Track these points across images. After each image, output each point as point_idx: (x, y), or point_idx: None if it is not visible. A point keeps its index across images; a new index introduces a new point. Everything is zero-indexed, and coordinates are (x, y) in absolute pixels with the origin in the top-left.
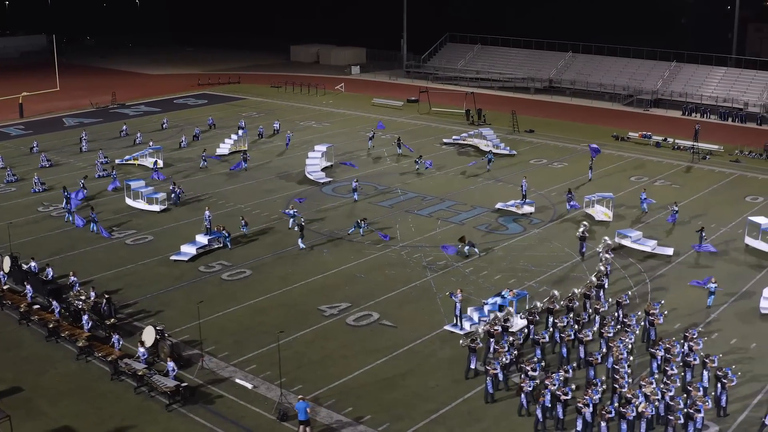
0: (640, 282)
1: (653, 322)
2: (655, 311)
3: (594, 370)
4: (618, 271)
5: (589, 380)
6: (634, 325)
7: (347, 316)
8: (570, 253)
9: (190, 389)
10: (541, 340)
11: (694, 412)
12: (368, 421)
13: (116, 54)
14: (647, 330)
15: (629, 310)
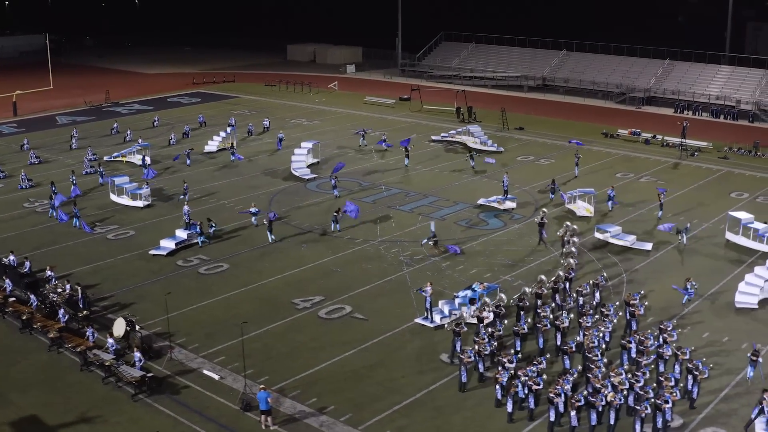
0: (616, 275)
1: (634, 313)
2: (635, 302)
3: (569, 359)
4: (592, 263)
5: (565, 369)
6: (612, 315)
7: (320, 309)
8: (548, 248)
9: (157, 379)
10: (521, 331)
11: (662, 403)
12: (331, 412)
13: (114, 54)
14: (628, 321)
15: (607, 297)
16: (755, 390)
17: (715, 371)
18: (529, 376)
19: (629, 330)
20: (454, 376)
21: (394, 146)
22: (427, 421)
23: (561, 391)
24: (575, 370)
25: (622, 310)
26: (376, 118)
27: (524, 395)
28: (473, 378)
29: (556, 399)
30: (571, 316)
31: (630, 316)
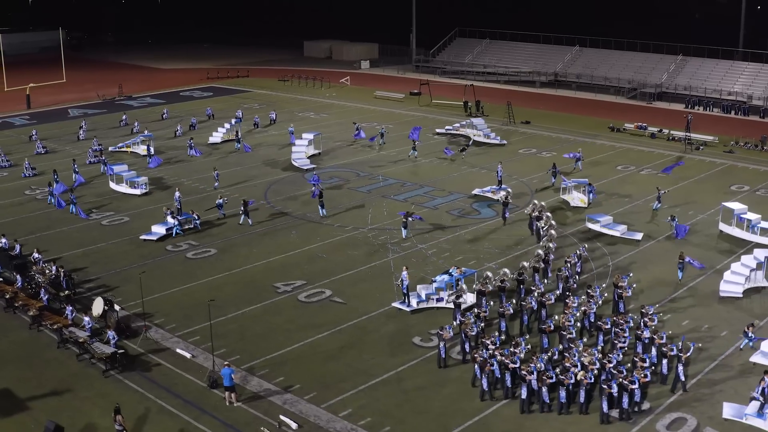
0: (603, 264)
1: (621, 295)
2: (624, 284)
3: (547, 337)
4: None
5: (544, 348)
6: (598, 296)
7: (300, 293)
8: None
9: (128, 356)
10: (506, 312)
11: (629, 384)
12: (296, 390)
13: (133, 50)
14: (615, 303)
15: (591, 279)
16: (727, 379)
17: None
18: (504, 355)
19: (617, 312)
20: (423, 359)
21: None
22: (390, 401)
23: (533, 368)
24: (556, 349)
25: (610, 291)
26: (385, 112)
27: (500, 374)
28: (461, 370)
29: (528, 377)
30: (557, 293)
31: (618, 298)
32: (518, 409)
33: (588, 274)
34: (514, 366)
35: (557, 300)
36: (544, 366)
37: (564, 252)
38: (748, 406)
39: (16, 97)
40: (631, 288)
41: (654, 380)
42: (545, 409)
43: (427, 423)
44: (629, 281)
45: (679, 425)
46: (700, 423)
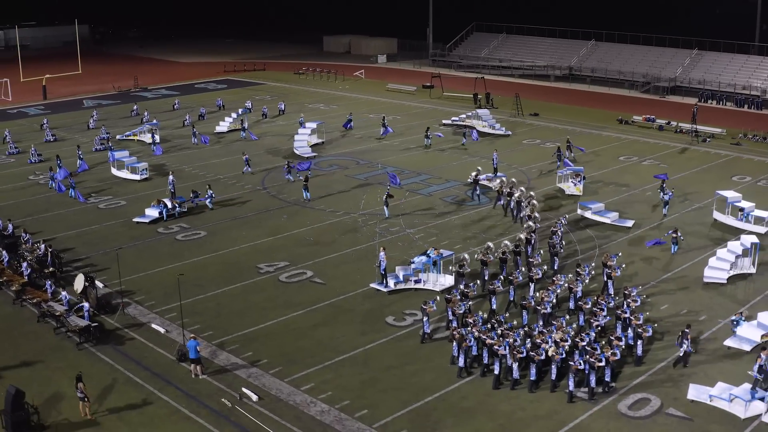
0: (590, 249)
1: (611, 275)
2: (612, 263)
3: (527, 313)
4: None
5: (523, 325)
6: (585, 275)
7: (282, 273)
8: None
9: (104, 330)
10: (496, 289)
11: (595, 361)
12: (262, 365)
13: (156, 44)
14: (605, 282)
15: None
16: (699, 362)
17: (661, 343)
18: (482, 331)
19: (605, 291)
20: (394, 337)
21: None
22: (353, 377)
23: (506, 343)
24: (537, 326)
25: (601, 278)
26: (395, 104)
27: (477, 351)
28: (430, 348)
29: (501, 351)
30: (545, 268)
31: (607, 277)
32: (485, 385)
33: (572, 259)
34: (491, 342)
35: (545, 275)
36: (520, 341)
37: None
38: (714, 387)
39: (34, 88)
40: (620, 268)
41: (629, 361)
42: (515, 386)
43: (387, 398)
44: (618, 261)
45: (642, 405)
46: (663, 403)
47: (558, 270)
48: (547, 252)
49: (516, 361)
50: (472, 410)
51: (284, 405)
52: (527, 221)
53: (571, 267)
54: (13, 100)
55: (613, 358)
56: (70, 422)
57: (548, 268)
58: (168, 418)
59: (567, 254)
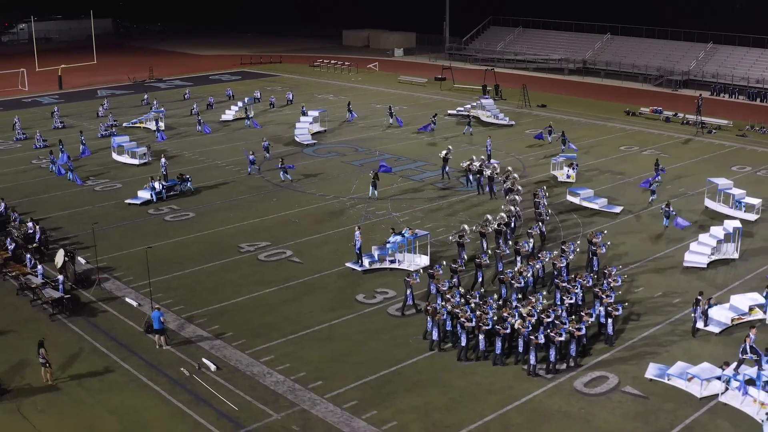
0: (575, 232)
1: (596, 251)
2: (597, 240)
3: (505, 287)
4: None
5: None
6: (570, 251)
7: (261, 252)
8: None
9: (78, 302)
10: (483, 263)
11: (555, 336)
12: (227, 338)
13: (177, 38)
14: (590, 259)
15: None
16: (665, 343)
17: (633, 323)
18: (455, 306)
19: (590, 268)
20: (361, 314)
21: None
22: (314, 350)
23: (472, 316)
24: (515, 298)
25: (587, 249)
26: (404, 95)
27: (450, 325)
28: (396, 323)
29: (467, 323)
30: (531, 241)
31: (592, 254)
32: (444, 360)
33: (553, 242)
34: (460, 314)
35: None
36: (491, 314)
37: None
38: (672, 366)
39: (51, 78)
40: (605, 246)
41: (601, 339)
42: (480, 357)
43: (343, 371)
44: (603, 238)
45: (599, 383)
46: (621, 382)
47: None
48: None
49: (481, 333)
50: (426, 383)
51: (241, 375)
52: (511, 195)
53: (557, 244)
54: (29, 90)
55: (578, 333)
56: (32, 387)
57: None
58: (126, 386)
59: (552, 236)
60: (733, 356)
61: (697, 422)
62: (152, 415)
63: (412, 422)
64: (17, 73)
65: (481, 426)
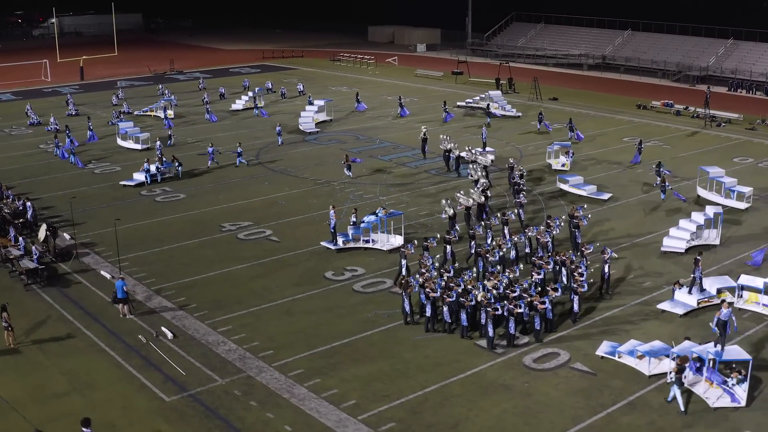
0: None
1: (578, 225)
2: (579, 214)
3: (483, 260)
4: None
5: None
6: (556, 226)
7: (241, 231)
8: (501, 192)
9: (54, 274)
10: (453, 240)
11: (514, 308)
12: (190, 309)
13: (206, 34)
14: (572, 233)
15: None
16: (624, 322)
17: (596, 303)
18: (427, 279)
19: (573, 241)
20: (327, 289)
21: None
22: (272, 322)
23: (437, 287)
24: (495, 270)
25: (568, 223)
26: (417, 88)
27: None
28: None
29: (432, 294)
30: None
31: (574, 227)
32: (398, 334)
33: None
34: (434, 295)
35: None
36: (462, 287)
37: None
38: (624, 344)
39: (73, 70)
40: (586, 218)
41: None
42: (446, 331)
43: (296, 342)
44: (584, 211)
45: (549, 359)
46: (572, 358)
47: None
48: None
49: (446, 305)
50: (375, 356)
51: (196, 343)
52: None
53: (542, 219)
54: (51, 81)
55: (541, 306)
56: None
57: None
58: (83, 350)
59: (533, 216)
60: (693, 339)
61: (641, 399)
62: (102, 377)
63: (351, 390)
64: (42, 64)
65: (419, 396)
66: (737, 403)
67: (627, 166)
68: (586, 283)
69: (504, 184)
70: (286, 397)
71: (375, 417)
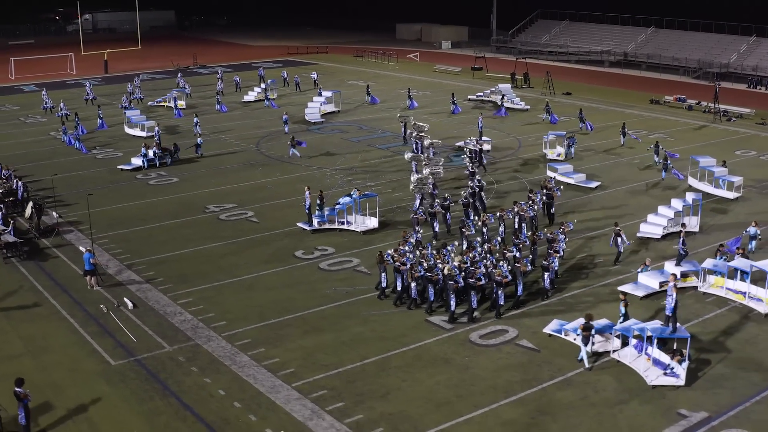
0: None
1: (552, 196)
2: (551, 185)
3: (464, 237)
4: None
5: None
6: (538, 201)
7: (224, 213)
8: (489, 180)
9: (37, 249)
10: (437, 212)
11: (475, 281)
12: (156, 282)
13: (237, 31)
14: (546, 203)
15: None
16: (578, 303)
17: (560, 284)
18: (400, 253)
19: (547, 212)
20: (293, 267)
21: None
22: (231, 296)
23: (407, 261)
24: (477, 242)
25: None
26: (433, 82)
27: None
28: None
29: (402, 267)
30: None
31: (548, 198)
32: (351, 309)
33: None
34: (404, 268)
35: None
36: (431, 262)
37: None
38: (572, 321)
39: (98, 64)
40: (559, 189)
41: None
42: (412, 306)
43: (250, 314)
44: (556, 182)
45: (496, 336)
46: (519, 335)
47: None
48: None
49: (414, 280)
50: (324, 329)
51: (154, 314)
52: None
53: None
54: (76, 74)
55: (505, 280)
56: None
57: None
58: (46, 318)
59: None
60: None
61: (580, 375)
62: (57, 343)
63: (293, 360)
64: (68, 57)
65: (357, 366)
66: (676, 381)
67: (622, 153)
68: (528, 261)
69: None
70: (227, 365)
71: (308, 385)
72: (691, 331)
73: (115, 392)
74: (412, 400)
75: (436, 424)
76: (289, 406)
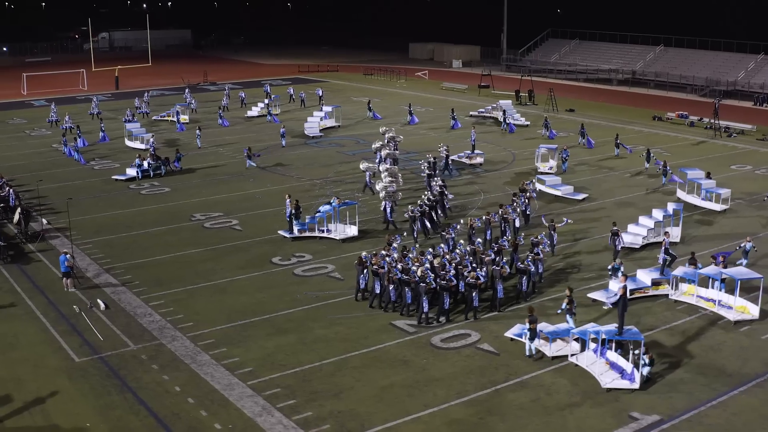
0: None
1: (528, 197)
2: (529, 187)
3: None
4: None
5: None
6: (521, 203)
7: (209, 221)
8: (478, 191)
9: (22, 252)
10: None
11: (447, 283)
12: (132, 285)
13: (252, 50)
14: (524, 204)
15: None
16: (547, 309)
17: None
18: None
19: (523, 214)
20: (268, 272)
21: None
22: (202, 299)
23: (384, 264)
24: (460, 244)
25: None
26: (437, 99)
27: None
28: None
29: (380, 270)
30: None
31: (527, 200)
32: (320, 313)
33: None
34: (382, 271)
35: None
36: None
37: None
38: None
39: (109, 81)
40: (535, 191)
41: (512, 295)
42: (388, 308)
43: (218, 316)
44: (533, 183)
45: (458, 339)
46: (481, 339)
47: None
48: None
49: (392, 283)
50: (288, 330)
51: (124, 315)
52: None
53: (508, 197)
54: (87, 90)
55: (479, 283)
56: None
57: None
58: (20, 317)
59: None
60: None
61: (536, 378)
62: (26, 340)
63: (252, 360)
64: (79, 74)
65: (315, 366)
66: (631, 384)
67: (614, 167)
68: (480, 274)
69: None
70: (187, 363)
71: (264, 383)
72: (657, 338)
73: (75, 387)
74: (364, 399)
75: (383, 421)
76: (240, 403)
